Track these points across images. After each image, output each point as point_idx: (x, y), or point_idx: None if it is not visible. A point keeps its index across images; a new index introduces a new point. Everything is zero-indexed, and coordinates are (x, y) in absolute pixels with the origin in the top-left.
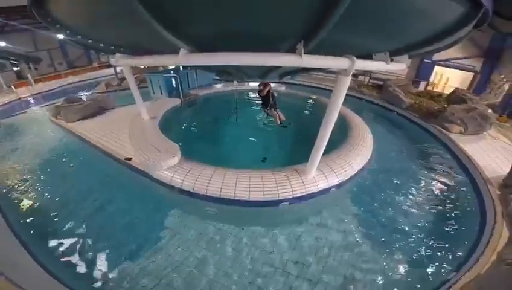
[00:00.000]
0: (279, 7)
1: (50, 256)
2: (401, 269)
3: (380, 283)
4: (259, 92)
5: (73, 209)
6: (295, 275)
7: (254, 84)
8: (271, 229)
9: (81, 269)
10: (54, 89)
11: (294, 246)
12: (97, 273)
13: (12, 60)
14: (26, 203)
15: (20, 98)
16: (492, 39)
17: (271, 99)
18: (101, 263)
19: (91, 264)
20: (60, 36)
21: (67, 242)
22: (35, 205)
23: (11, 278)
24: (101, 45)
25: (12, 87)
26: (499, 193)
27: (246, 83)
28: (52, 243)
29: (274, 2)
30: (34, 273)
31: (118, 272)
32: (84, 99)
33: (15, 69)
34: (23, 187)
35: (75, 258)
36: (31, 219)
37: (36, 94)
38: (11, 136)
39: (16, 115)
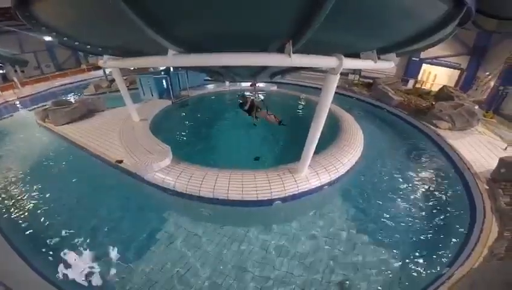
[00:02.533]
0: (266, 7)
1: (45, 262)
2: (394, 265)
3: (372, 278)
4: (242, 104)
5: (65, 213)
6: (291, 274)
7: (247, 85)
8: (265, 228)
9: (75, 272)
10: (41, 91)
11: (289, 244)
12: (90, 276)
13: None
14: (17, 208)
15: (6, 102)
16: (478, 37)
17: (254, 107)
18: (95, 265)
19: (85, 266)
20: (47, 38)
21: (60, 246)
22: (26, 210)
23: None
24: (88, 46)
25: None
26: (487, 187)
27: (239, 84)
28: (45, 248)
29: (261, 3)
30: (31, 280)
31: (111, 274)
32: (73, 102)
33: (0, 71)
34: (11, 193)
35: (68, 262)
36: (22, 225)
37: (23, 97)
38: None
39: (2, 119)
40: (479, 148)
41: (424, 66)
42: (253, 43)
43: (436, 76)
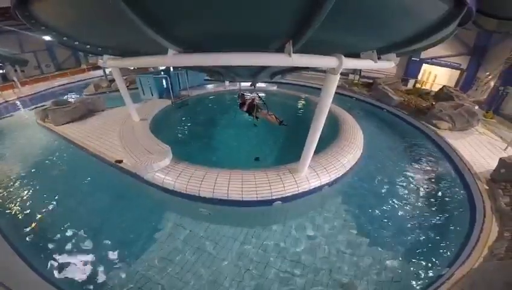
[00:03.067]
0: (266, 8)
1: (45, 262)
2: (394, 265)
3: (373, 278)
4: (242, 104)
5: (64, 213)
6: (291, 274)
7: (247, 84)
8: (265, 228)
9: (77, 273)
10: (41, 91)
11: (289, 244)
12: (90, 277)
13: None
14: (16, 208)
15: (6, 101)
16: (478, 37)
17: (254, 107)
18: (95, 266)
19: (86, 267)
20: (47, 38)
21: (61, 245)
22: (26, 210)
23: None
24: (88, 46)
25: None
26: (487, 187)
27: (238, 83)
28: (45, 248)
29: (261, 3)
30: (31, 281)
31: (110, 274)
32: (73, 102)
33: (0, 71)
34: (11, 193)
35: (69, 263)
36: (22, 225)
37: (23, 97)
38: None
39: (2, 118)
40: (479, 149)
41: (424, 66)
42: (253, 43)
43: (436, 76)
